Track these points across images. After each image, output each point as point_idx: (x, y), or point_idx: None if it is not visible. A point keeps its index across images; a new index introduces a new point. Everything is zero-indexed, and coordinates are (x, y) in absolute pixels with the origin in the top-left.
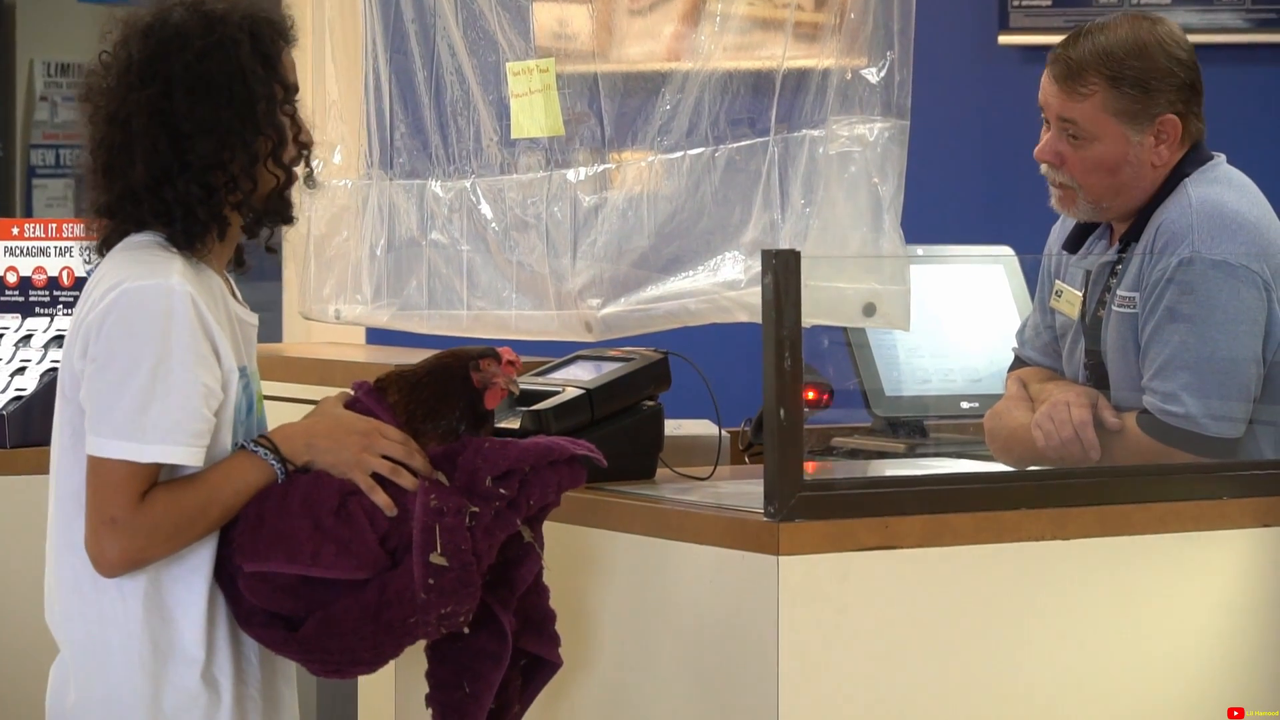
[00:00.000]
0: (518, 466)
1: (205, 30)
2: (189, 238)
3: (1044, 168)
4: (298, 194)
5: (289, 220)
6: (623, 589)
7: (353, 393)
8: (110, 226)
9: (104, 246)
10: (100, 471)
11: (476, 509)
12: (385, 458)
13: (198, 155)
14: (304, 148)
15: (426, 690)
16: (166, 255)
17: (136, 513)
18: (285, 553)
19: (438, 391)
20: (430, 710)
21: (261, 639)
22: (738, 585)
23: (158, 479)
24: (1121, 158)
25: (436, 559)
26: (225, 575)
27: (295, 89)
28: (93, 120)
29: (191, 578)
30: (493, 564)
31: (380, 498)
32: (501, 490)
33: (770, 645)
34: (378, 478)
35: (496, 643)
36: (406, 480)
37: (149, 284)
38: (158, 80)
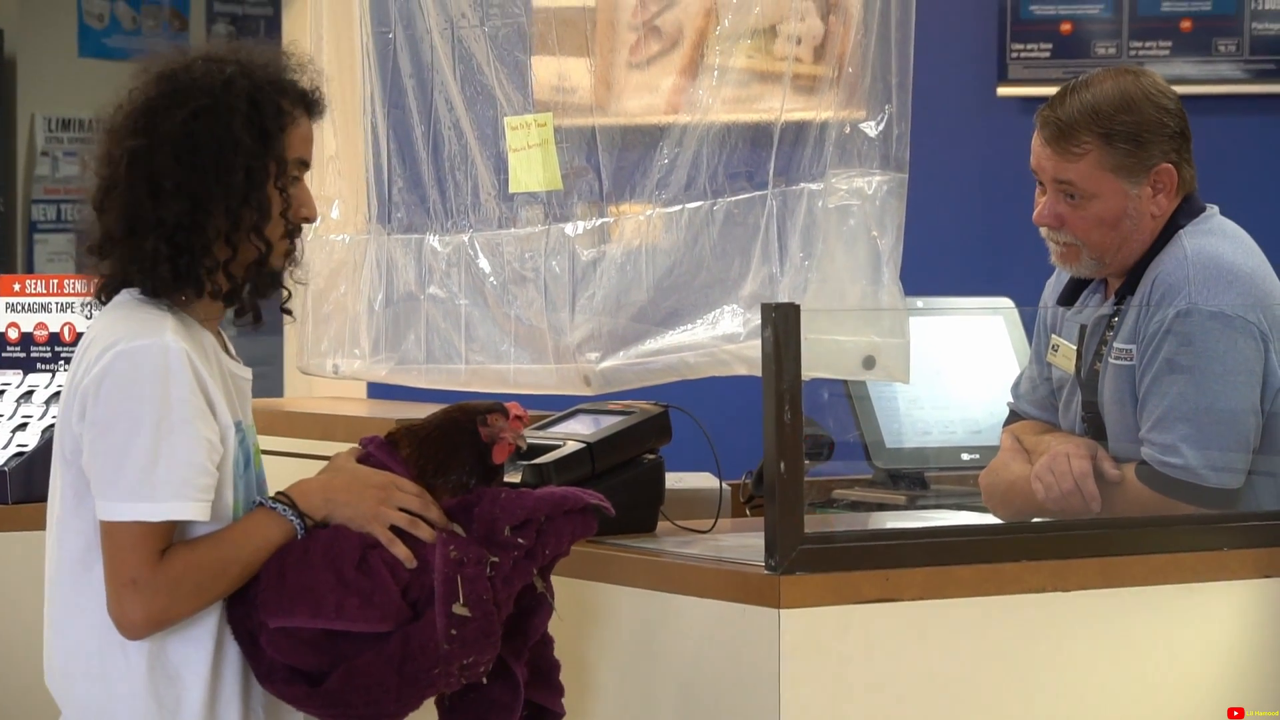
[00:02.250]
0: (534, 516)
1: (206, 91)
2: (157, 290)
3: (1044, 230)
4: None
5: (272, 293)
6: (624, 642)
7: (362, 448)
8: (101, 269)
9: (100, 294)
10: (114, 535)
11: (496, 559)
12: (402, 510)
13: (171, 214)
14: (291, 225)
15: None
16: (159, 314)
17: (157, 572)
18: (309, 607)
19: (446, 446)
20: None
21: (284, 695)
22: (739, 638)
23: (172, 537)
24: (1121, 212)
25: (459, 609)
26: (244, 633)
27: (298, 164)
28: (96, 158)
29: (196, 635)
30: (508, 615)
31: (400, 550)
32: (519, 540)
33: (772, 699)
34: (396, 531)
35: (509, 694)
36: (424, 532)
37: (143, 344)
38: (147, 133)
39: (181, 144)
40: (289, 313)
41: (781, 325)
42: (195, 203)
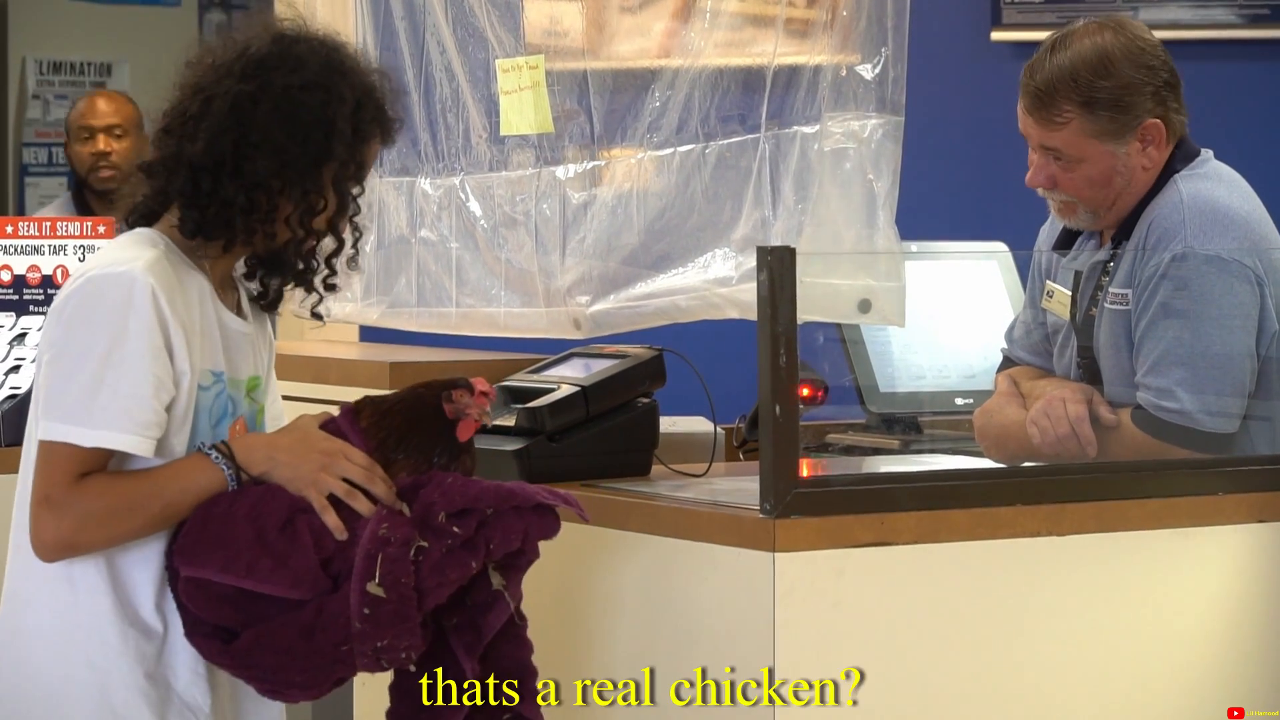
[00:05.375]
0: (476, 506)
1: (323, 70)
2: (203, 230)
3: (1040, 190)
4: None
5: (298, 282)
6: (618, 586)
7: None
8: (145, 188)
9: (129, 217)
10: (45, 454)
11: (425, 544)
12: (346, 481)
13: (250, 166)
14: (357, 230)
15: None
16: (144, 248)
17: (69, 493)
18: (221, 560)
19: (409, 420)
20: None
21: (200, 648)
22: (734, 582)
23: (104, 467)
24: (1110, 170)
25: (373, 588)
26: (172, 583)
27: (365, 173)
28: (181, 86)
29: (154, 580)
30: (461, 608)
31: (330, 519)
32: (455, 529)
33: (767, 642)
34: (335, 501)
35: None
36: (362, 505)
37: (113, 273)
38: (255, 83)
39: (285, 105)
40: (355, 268)
41: (777, 268)
42: (278, 165)
